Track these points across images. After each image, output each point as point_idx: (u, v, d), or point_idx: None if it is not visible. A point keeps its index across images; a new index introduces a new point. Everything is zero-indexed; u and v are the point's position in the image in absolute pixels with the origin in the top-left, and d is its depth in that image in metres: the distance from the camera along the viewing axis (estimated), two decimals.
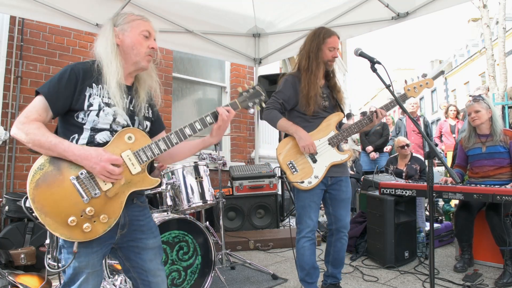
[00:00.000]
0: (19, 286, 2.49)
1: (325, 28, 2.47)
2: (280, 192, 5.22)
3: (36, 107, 1.38)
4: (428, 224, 3.66)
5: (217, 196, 3.23)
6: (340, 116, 2.49)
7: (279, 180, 4.98)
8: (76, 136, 1.42)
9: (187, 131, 1.53)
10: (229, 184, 4.91)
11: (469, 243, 3.27)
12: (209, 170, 3.17)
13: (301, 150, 2.36)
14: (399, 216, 3.42)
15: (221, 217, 3.31)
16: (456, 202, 3.69)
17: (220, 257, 3.19)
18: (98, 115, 1.43)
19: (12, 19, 4.01)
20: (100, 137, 1.43)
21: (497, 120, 3.22)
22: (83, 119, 1.42)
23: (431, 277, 1.84)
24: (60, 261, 1.44)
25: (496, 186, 2.87)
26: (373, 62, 2.19)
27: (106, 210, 1.39)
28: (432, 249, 1.87)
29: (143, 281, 1.57)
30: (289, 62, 7.98)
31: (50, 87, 1.39)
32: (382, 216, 3.37)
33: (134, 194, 1.53)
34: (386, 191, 3.41)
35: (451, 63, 28.23)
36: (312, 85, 2.36)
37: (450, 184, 3.06)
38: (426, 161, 1.97)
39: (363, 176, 4.84)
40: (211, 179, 3.25)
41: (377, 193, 3.52)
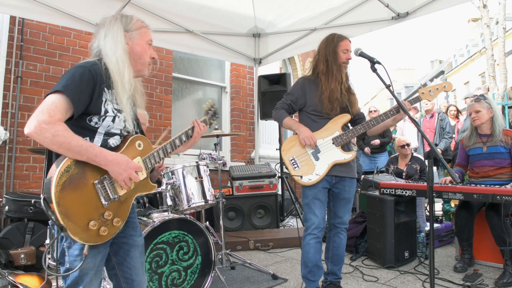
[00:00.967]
0: (19, 286, 2.49)
1: (336, 34, 2.58)
2: (280, 192, 5.22)
3: (59, 107, 1.28)
4: (428, 224, 3.66)
5: (217, 196, 3.23)
6: (347, 118, 2.53)
7: (279, 180, 4.98)
8: (88, 139, 1.38)
9: (177, 142, 1.72)
10: (229, 184, 4.91)
11: (469, 242, 3.27)
12: (209, 170, 3.17)
13: (302, 143, 2.44)
14: (399, 216, 3.42)
15: (221, 217, 3.30)
16: (456, 202, 3.69)
17: (220, 257, 3.19)
18: (114, 121, 1.45)
19: (12, 19, 4.01)
20: (113, 141, 1.47)
21: (498, 120, 3.22)
22: (97, 124, 1.40)
23: (431, 277, 1.84)
24: (64, 264, 1.41)
25: (496, 186, 2.87)
26: (373, 62, 2.20)
27: (119, 214, 1.44)
28: (432, 249, 1.88)
29: (126, 279, 1.58)
30: (289, 62, 7.98)
31: (73, 87, 1.31)
32: (382, 216, 3.37)
33: None
34: (386, 191, 3.41)
35: (451, 63, 28.24)
36: (335, 88, 2.44)
37: (450, 184, 3.06)
38: (426, 161, 1.97)
39: (363, 176, 4.83)
40: (211, 179, 3.25)
41: (377, 193, 3.52)
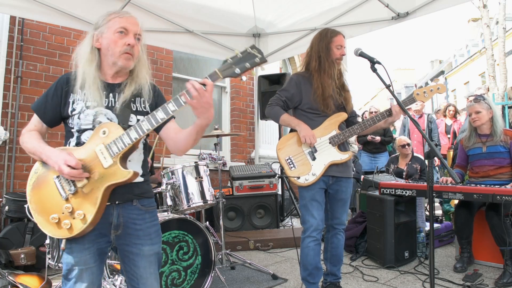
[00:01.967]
0: (19, 286, 2.49)
1: (330, 28, 2.52)
2: (280, 192, 5.22)
3: (32, 120, 1.58)
4: (428, 224, 3.66)
5: (217, 196, 3.23)
6: (343, 116, 2.49)
7: (279, 180, 4.98)
8: (70, 140, 1.52)
9: (160, 115, 1.40)
10: (229, 184, 4.91)
11: (468, 241, 3.27)
12: (209, 170, 3.17)
13: (302, 141, 2.39)
14: (399, 216, 3.42)
15: (221, 217, 3.30)
16: (456, 202, 3.69)
17: (220, 257, 3.19)
18: (79, 117, 1.49)
19: (12, 19, 4.01)
20: (85, 137, 1.49)
21: (498, 121, 3.22)
22: (71, 124, 1.52)
23: (431, 277, 1.84)
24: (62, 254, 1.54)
25: (496, 186, 2.87)
26: (373, 62, 2.19)
27: (83, 207, 1.41)
28: (432, 249, 1.88)
29: (133, 287, 1.55)
30: (289, 62, 7.98)
31: (39, 102, 1.56)
32: (382, 216, 3.37)
33: (133, 196, 1.52)
34: (386, 191, 3.41)
35: (451, 63, 28.24)
36: (327, 85, 2.40)
37: (450, 184, 3.06)
38: (426, 161, 1.97)
39: (363, 176, 4.83)
40: (211, 179, 3.25)
41: (377, 193, 3.52)
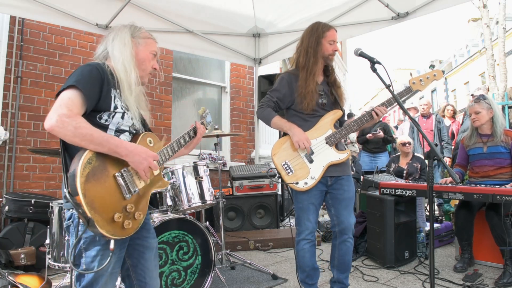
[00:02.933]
0: (19, 286, 2.49)
1: (322, 23, 2.38)
2: (280, 192, 5.22)
3: (75, 101, 1.32)
4: (428, 224, 3.66)
5: (217, 196, 3.23)
6: (338, 114, 2.37)
7: (279, 180, 4.97)
8: None
9: (182, 141, 1.78)
10: (229, 184, 4.91)
11: (469, 242, 3.27)
12: (209, 170, 3.17)
13: (295, 146, 2.27)
14: (399, 216, 3.42)
15: (221, 217, 3.31)
16: (456, 202, 3.69)
17: (220, 257, 3.19)
18: (123, 117, 1.49)
19: (12, 19, 4.01)
20: (123, 138, 1.50)
21: (499, 121, 3.21)
22: (107, 120, 1.44)
23: (431, 277, 1.84)
24: (80, 266, 1.39)
25: (496, 186, 2.87)
26: (373, 62, 2.17)
27: (140, 208, 1.45)
28: (432, 249, 1.87)
29: (140, 282, 1.58)
30: (289, 62, 7.97)
31: (85, 82, 1.34)
32: (382, 216, 3.37)
33: None
34: (386, 191, 3.41)
35: (451, 63, 28.22)
36: (308, 81, 2.28)
37: (450, 184, 3.06)
38: (426, 161, 1.96)
39: (363, 176, 4.83)
40: (211, 179, 3.25)
41: (377, 193, 3.52)
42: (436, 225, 4.05)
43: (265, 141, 6.33)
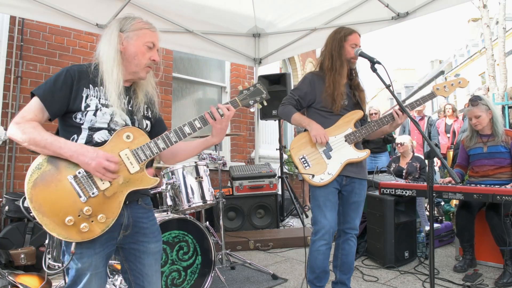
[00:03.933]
0: (19, 286, 2.49)
1: (345, 27, 2.45)
2: (280, 192, 5.22)
3: (32, 108, 1.39)
4: (428, 224, 3.66)
5: (217, 196, 3.23)
6: (359, 114, 2.40)
7: (279, 180, 4.98)
8: (75, 136, 1.43)
9: (187, 130, 1.54)
10: (229, 184, 4.91)
11: (471, 243, 3.26)
12: (209, 170, 3.17)
13: (312, 140, 2.29)
14: (399, 216, 3.42)
15: (221, 217, 3.30)
16: (457, 202, 3.69)
17: (220, 257, 3.19)
18: (96, 115, 1.43)
19: (12, 19, 4.01)
20: (98, 136, 1.43)
21: (498, 120, 3.20)
22: (81, 119, 1.42)
23: (431, 277, 1.84)
24: (65, 263, 1.43)
25: (496, 186, 2.87)
26: (373, 62, 2.18)
27: (104, 210, 1.38)
28: (432, 249, 1.87)
29: (137, 286, 1.55)
30: (289, 62, 7.98)
31: (46, 89, 1.40)
32: (382, 216, 3.37)
33: (139, 195, 1.53)
34: (386, 191, 3.41)
35: (451, 63, 28.23)
36: (337, 84, 2.33)
37: (450, 184, 3.06)
38: (427, 161, 1.96)
39: None
40: (211, 179, 3.25)
41: (377, 193, 3.52)
42: (436, 225, 4.05)
43: (265, 141, 6.34)
